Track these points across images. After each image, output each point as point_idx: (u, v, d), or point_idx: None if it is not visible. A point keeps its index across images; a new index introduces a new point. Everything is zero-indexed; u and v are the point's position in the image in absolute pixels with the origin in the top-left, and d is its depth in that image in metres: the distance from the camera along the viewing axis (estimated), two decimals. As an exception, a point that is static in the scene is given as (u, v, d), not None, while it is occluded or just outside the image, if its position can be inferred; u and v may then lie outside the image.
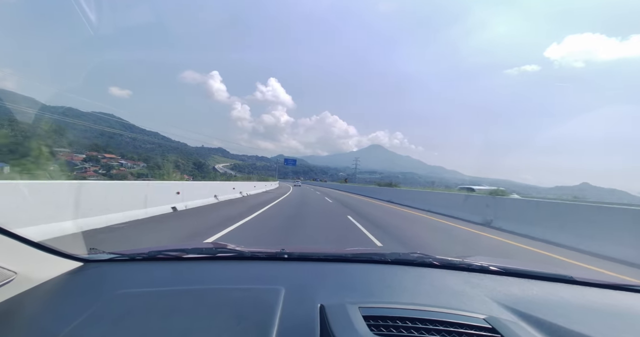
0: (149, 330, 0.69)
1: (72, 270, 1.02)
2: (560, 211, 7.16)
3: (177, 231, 5.57)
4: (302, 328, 0.70)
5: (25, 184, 4.32)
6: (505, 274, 1.18)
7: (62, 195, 4.77)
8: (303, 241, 5.33)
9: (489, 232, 7.72)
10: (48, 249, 0.96)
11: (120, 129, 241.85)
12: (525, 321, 0.77)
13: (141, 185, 7.30)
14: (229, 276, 1.08)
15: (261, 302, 0.81)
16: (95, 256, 1.15)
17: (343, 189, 40.61)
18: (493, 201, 9.62)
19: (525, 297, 0.97)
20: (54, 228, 4.36)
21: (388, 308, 0.80)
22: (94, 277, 1.00)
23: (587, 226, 6.19)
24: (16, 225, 4.09)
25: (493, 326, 0.72)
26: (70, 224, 4.69)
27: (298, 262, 1.25)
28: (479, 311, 0.80)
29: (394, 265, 1.24)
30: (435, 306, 0.82)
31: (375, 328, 0.70)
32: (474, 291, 0.98)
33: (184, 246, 1.29)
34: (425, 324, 0.73)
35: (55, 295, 0.86)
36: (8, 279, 0.78)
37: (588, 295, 1.05)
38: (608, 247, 5.52)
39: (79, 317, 0.72)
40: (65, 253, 1.03)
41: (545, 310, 0.84)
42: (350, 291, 0.94)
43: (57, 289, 0.89)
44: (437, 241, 6.16)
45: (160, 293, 0.88)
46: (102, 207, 5.53)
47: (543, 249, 5.89)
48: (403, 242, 5.80)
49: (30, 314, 0.76)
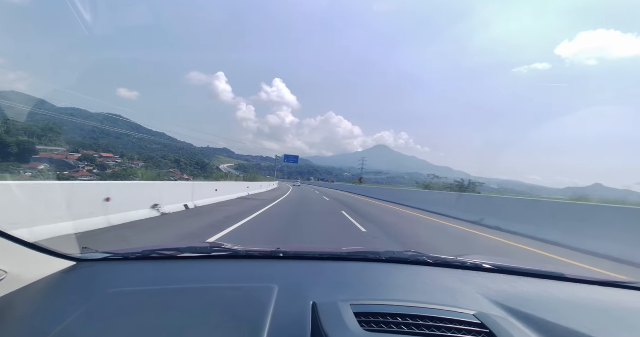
0: (142, 328, 0.69)
1: (64, 269, 1.00)
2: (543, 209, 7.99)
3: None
4: (294, 326, 0.70)
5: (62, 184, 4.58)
6: (497, 271, 1.19)
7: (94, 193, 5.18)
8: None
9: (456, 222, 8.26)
10: (40, 249, 0.95)
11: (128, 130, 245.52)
12: (514, 317, 0.79)
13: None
14: (223, 275, 1.08)
15: (254, 301, 0.81)
16: (88, 255, 1.14)
17: (357, 191, 31.72)
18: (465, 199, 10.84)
19: (516, 294, 0.98)
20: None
21: (379, 305, 0.81)
22: (86, 277, 0.99)
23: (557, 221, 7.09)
24: (51, 221, 4.11)
25: (482, 322, 0.74)
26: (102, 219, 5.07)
27: (293, 261, 1.25)
28: (470, 308, 0.82)
29: (389, 263, 1.25)
30: (426, 303, 0.83)
31: (367, 325, 0.71)
32: (466, 288, 0.99)
33: (178, 245, 1.30)
34: (415, 320, 0.74)
35: (47, 294, 0.85)
36: None
37: (578, 292, 1.07)
38: (555, 236, 6.70)
39: (71, 316, 0.71)
40: (58, 252, 1.02)
41: (535, 306, 0.86)
42: (344, 289, 0.95)
43: (49, 289, 0.88)
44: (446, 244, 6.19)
45: (153, 292, 0.88)
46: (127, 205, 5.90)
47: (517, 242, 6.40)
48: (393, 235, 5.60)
49: (21, 314, 0.76)
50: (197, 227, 5.80)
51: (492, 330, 0.71)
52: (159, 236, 4.87)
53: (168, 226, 5.78)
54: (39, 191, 4.35)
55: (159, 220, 6.33)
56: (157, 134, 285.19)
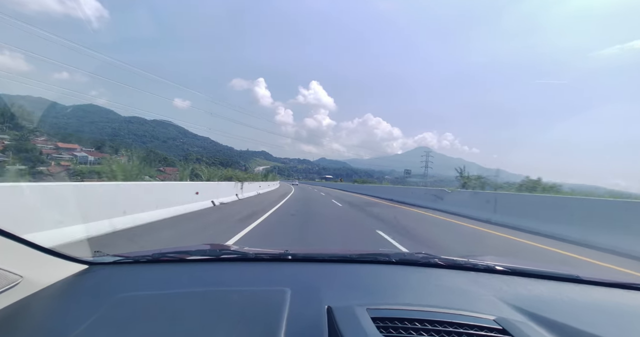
0: (155, 333, 0.69)
1: (77, 273, 1.02)
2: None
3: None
4: (310, 330, 0.69)
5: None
6: (511, 273, 1.17)
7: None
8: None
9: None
10: (53, 252, 0.97)
11: (177, 134, 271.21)
12: (534, 321, 0.76)
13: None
14: (233, 278, 1.08)
15: (268, 304, 0.80)
16: (99, 258, 1.16)
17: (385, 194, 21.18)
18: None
19: (533, 297, 0.96)
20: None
21: (396, 309, 0.79)
22: (99, 280, 1.01)
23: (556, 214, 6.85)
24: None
25: (504, 327, 0.71)
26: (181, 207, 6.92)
27: (303, 263, 1.25)
28: (488, 312, 0.79)
29: (399, 265, 1.24)
30: (443, 307, 0.81)
31: (385, 330, 0.69)
32: (481, 291, 0.97)
33: (187, 248, 1.31)
34: (434, 326, 0.72)
35: (61, 298, 0.86)
36: (14, 282, 0.78)
37: (594, 294, 1.05)
38: (549, 226, 6.83)
39: (85, 320, 0.72)
40: (70, 256, 1.04)
41: (553, 310, 0.83)
42: (357, 292, 0.94)
43: (63, 293, 0.89)
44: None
45: (165, 296, 0.88)
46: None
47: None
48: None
49: (36, 318, 0.77)
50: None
51: (515, 336, 0.68)
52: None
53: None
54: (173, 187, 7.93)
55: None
56: (202, 138, 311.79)
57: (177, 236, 5.03)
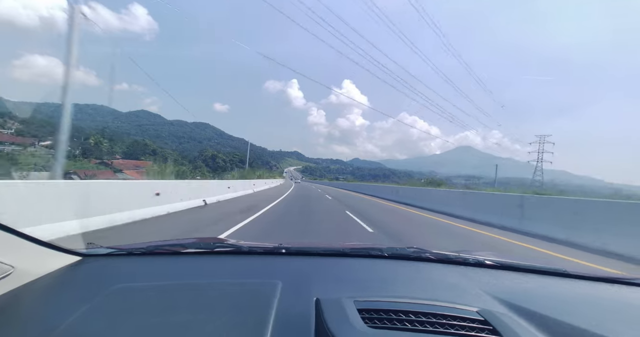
0: (147, 324, 0.70)
1: (70, 264, 1.01)
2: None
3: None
4: (298, 321, 0.71)
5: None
6: (499, 268, 1.19)
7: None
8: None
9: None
10: (46, 244, 0.96)
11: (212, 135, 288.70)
12: (516, 313, 0.79)
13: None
14: (226, 271, 1.09)
15: (258, 296, 0.82)
16: (93, 250, 1.16)
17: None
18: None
19: (519, 290, 1.00)
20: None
21: (383, 301, 0.81)
22: (91, 272, 1.01)
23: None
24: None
25: (485, 318, 0.74)
26: (198, 200, 8.42)
27: (296, 257, 1.26)
28: (472, 304, 0.81)
29: (391, 259, 1.26)
30: (429, 299, 0.83)
31: (370, 321, 0.71)
32: (469, 285, 0.99)
33: (182, 241, 1.33)
34: (418, 317, 0.73)
35: (53, 289, 0.86)
36: (5, 273, 0.79)
37: (579, 288, 1.08)
38: (542, 227, 6.75)
39: (77, 311, 0.72)
40: (63, 248, 1.04)
41: (538, 303, 0.86)
42: (346, 285, 0.96)
43: (55, 283, 0.89)
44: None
45: (158, 287, 0.89)
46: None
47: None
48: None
49: (27, 308, 0.77)
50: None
51: (495, 327, 0.70)
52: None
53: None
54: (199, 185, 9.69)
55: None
56: (237, 139, 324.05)
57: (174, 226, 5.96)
